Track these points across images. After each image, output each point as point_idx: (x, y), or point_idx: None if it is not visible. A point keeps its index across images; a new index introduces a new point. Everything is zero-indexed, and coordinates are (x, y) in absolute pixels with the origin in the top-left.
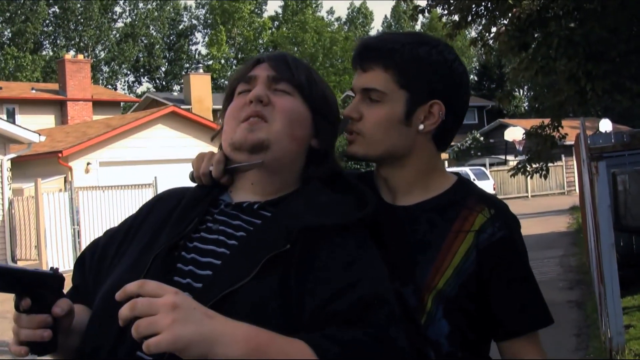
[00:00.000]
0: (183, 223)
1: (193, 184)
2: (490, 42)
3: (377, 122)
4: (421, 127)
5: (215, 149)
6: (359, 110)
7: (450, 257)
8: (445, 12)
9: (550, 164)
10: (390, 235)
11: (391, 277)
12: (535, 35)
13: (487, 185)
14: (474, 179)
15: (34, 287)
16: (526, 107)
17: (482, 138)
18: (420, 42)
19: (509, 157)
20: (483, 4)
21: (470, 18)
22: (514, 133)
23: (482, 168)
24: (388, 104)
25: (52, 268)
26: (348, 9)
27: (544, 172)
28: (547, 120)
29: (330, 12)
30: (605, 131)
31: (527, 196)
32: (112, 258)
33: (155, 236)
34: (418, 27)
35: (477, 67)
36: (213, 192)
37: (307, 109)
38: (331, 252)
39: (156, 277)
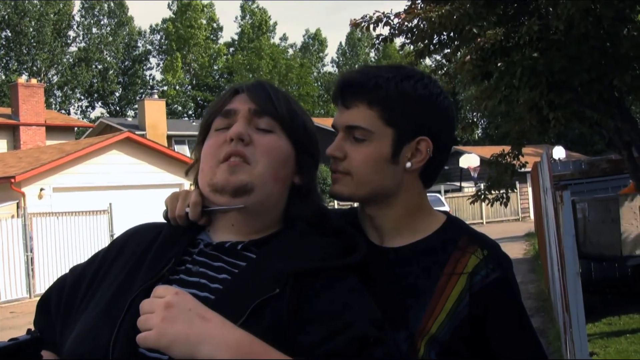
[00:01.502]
0: (159, 264)
1: (165, 221)
2: (451, 71)
3: (363, 161)
4: (408, 164)
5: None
6: (343, 148)
7: (443, 301)
8: (408, 40)
9: (510, 192)
10: (380, 279)
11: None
12: (498, 64)
13: None
14: None
15: None
16: (479, 134)
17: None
18: (404, 76)
19: (464, 184)
20: (445, 33)
21: (432, 47)
22: (469, 160)
23: (438, 195)
24: (374, 143)
25: (29, 330)
26: (303, 35)
27: (504, 200)
28: (507, 148)
29: (284, 38)
30: (559, 158)
31: (482, 222)
32: (81, 299)
33: (130, 277)
34: (372, 53)
35: None
36: (190, 231)
37: (289, 145)
38: (324, 296)
39: (134, 322)
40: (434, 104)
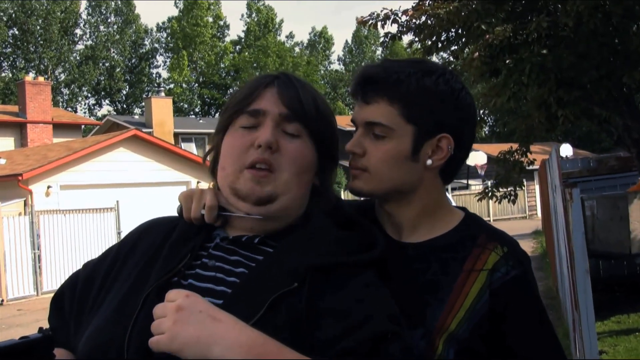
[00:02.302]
0: (175, 259)
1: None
2: (459, 67)
3: (382, 158)
4: (429, 162)
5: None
6: (363, 145)
7: (463, 297)
8: (416, 38)
9: (517, 189)
10: (398, 275)
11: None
12: (507, 61)
13: None
14: None
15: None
16: (486, 132)
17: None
18: (426, 71)
19: (471, 182)
20: (453, 29)
21: (440, 44)
22: (476, 157)
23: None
24: (394, 140)
25: (40, 329)
26: (310, 33)
27: (512, 197)
28: (515, 145)
29: (290, 36)
30: (566, 156)
31: (490, 220)
32: (95, 295)
33: (144, 273)
34: (379, 51)
35: None
36: (206, 227)
37: (313, 150)
38: (341, 291)
39: (149, 319)
40: (456, 100)
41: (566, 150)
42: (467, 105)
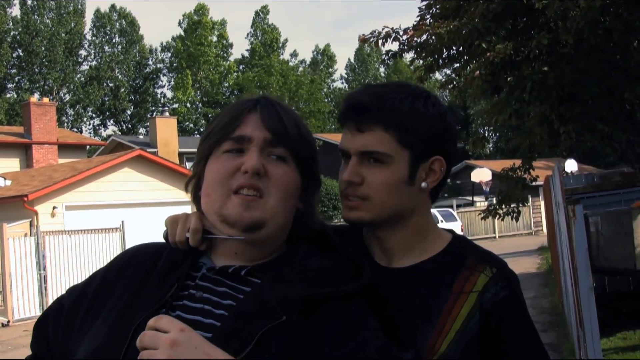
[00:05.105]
0: (162, 289)
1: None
2: (461, 85)
3: (382, 184)
4: (424, 184)
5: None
6: (360, 173)
7: (452, 319)
8: (417, 56)
9: (521, 206)
10: (388, 300)
11: (390, 342)
12: (508, 79)
13: (455, 227)
14: (441, 221)
15: None
16: (491, 149)
17: (448, 179)
18: (415, 95)
19: (476, 198)
20: (455, 47)
21: (442, 62)
22: (481, 174)
23: (450, 209)
24: (392, 166)
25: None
26: (313, 51)
27: (515, 214)
28: (517, 162)
29: (294, 54)
30: (571, 171)
31: (495, 237)
32: (81, 322)
33: (132, 303)
34: (382, 69)
35: None
36: (192, 254)
37: (298, 173)
38: (331, 322)
39: (138, 352)
40: (444, 123)
41: (571, 165)
42: (452, 126)
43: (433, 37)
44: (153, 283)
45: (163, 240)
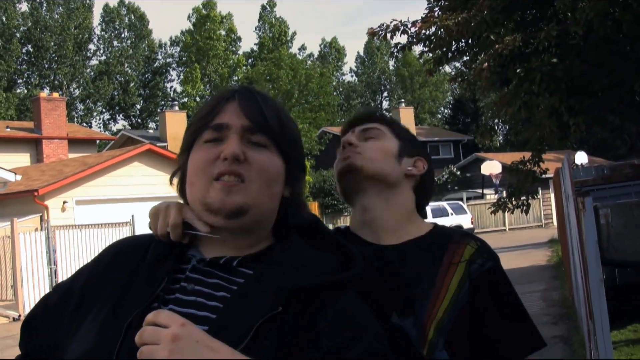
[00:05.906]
0: (153, 284)
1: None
2: (470, 78)
3: (374, 148)
4: (409, 168)
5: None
6: (357, 141)
7: (445, 288)
8: (426, 49)
9: (531, 199)
10: (382, 275)
11: (389, 312)
12: (517, 71)
13: (465, 219)
14: (451, 214)
15: None
16: (501, 141)
17: (458, 172)
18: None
19: (486, 191)
20: (463, 40)
21: (450, 55)
22: (491, 167)
23: (460, 202)
24: (384, 140)
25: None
26: (320, 45)
27: (525, 208)
28: (527, 155)
29: (302, 48)
30: (582, 164)
31: (505, 229)
32: (71, 319)
33: (123, 298)
34: (391, 62)
35: (452, 101)
36: (179, 245)
37: (280, 159)
38: (326, 313)
39: (133, 348)
40: (423, 149)
41: (581, 158)
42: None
43: (441, 30)
44: (143, 277)
45: (150, 232)
